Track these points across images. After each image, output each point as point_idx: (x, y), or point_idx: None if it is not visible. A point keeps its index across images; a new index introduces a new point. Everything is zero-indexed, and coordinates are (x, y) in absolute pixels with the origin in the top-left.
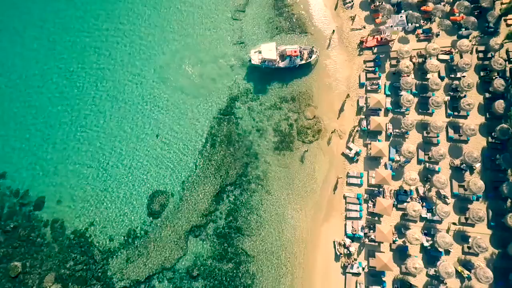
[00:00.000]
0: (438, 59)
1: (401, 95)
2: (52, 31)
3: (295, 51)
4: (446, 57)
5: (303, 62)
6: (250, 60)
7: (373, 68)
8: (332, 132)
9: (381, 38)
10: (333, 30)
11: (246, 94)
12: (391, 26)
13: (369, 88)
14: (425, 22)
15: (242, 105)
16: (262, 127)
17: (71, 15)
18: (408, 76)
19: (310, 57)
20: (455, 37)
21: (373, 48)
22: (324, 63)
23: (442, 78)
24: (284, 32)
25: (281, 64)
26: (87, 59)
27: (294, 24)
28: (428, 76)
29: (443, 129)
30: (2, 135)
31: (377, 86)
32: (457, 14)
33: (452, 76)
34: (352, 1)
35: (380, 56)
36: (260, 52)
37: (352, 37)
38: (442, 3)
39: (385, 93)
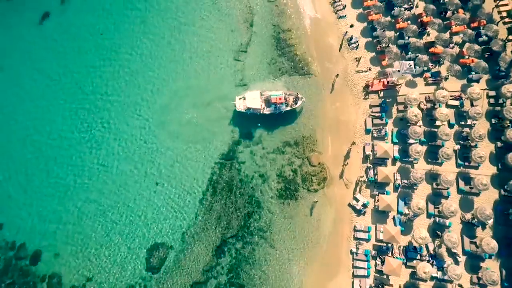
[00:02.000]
0: (447, 105)
1: (409, 143)
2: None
3: (280, 99)
4: (456, 102)
5: (289, 108)
6: (235, 106)
7: (379, 114)
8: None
9: (388, 82)
10: (337, 74)
11: (248, 138)
12: (398, 70)
13: (375, 135)
14: (433, 65)
15: (244, 149)
16: (265, 172)
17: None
18: (416, 124)
19: (296, 103)
20: (464, 81)
21: (379, 92)
22: (328, 107)
23: (451, 125)
24: (287, 73)
25: (266, 111)
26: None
27: (297, 65)
28: (438, 123)
29: (453, 183)
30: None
31: (384, 133)
32: (467, 57)
33: (462, 123)
34: (357, 41)
35: (387, 100)
36: (244, 99)
37: (357, 79)
38: (451, 45)
39: (392, 141)
